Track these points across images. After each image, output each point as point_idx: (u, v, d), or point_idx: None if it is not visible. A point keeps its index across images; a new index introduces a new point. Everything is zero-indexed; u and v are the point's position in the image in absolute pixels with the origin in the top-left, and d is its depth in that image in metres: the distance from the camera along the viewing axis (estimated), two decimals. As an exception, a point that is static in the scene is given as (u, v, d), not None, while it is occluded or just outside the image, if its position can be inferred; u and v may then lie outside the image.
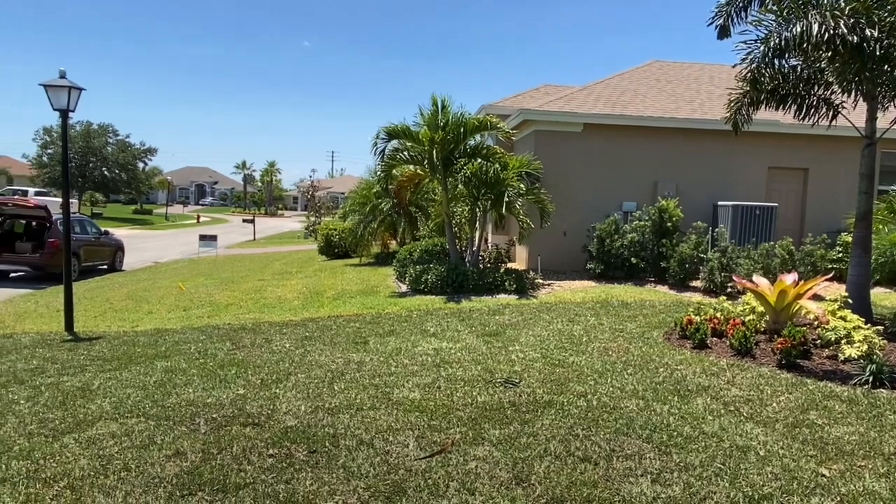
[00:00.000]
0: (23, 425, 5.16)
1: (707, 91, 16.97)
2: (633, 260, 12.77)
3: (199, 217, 61.48)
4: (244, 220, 40.80)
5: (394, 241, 19.43)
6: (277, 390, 5.98)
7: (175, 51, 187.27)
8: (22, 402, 5.80)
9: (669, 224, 12.72)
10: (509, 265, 14.74)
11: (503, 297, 11.23)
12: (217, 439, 4.78)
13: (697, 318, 7.93)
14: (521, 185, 12.66)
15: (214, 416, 5.31)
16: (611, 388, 5.93)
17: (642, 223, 12.85)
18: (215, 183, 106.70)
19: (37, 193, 38.34)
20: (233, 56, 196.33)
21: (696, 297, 10.33)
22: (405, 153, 13.65)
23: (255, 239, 36.30)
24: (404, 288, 12.57)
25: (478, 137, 13.67)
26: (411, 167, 14.36)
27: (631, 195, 14.63)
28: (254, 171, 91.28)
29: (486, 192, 12.53)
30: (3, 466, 4.33)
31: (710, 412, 5.33)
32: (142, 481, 4.10)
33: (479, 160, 12.36)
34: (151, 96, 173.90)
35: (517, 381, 6.17)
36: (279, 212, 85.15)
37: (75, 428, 5.08)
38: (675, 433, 4.85)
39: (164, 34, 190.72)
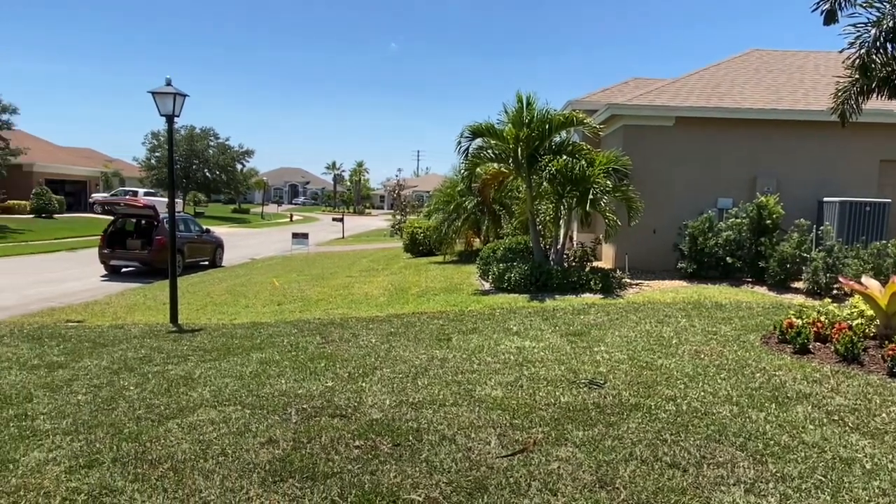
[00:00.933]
0: (132, 410, 5.57)
1: (812, 80, 15.93)
2: (729, 259, 12.19)
3: (292, 216, 64.07)
4: (334, 219, 42.14)
5: (477, 239, 19.48)
6: (363, 384, 6.15)
7: (270, 57, 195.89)
8: (131, 388, 6.25)
9: (769, 221, 12.04)
10: (595, 264, 14.44)
11: (588, 297, 11.02)
12: (307, 429, 4.97)
13: (799, 322, 7.47)
14: (608, 182, 12.37)
15: (305, 406, 5.52)
16: (702, 393, 5.70)
17: (739, 221, 12.24)
18: (307, 183, 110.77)
19: (146, 194, 41.19)
20: (323, 60, 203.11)
21: (798, 299, 9.73)
22: (489, 151, 13.64)
23: (343, 237, 37.40)
24: (487, 286, 12.58)
25: (563, 134, 13.46)
26: (495, 165, 14.34)
27: (726, 191, 13.96)
28: (343, 171, 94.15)
29: (572, 190, 12.33)
30: (115, 447, 4.69)
31: (811, 421, 5.01)
32: (237, 466, 4.33)
33: (565, 157, 12.18)
34: (249, 101, 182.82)
35: (602, 382, 6.05)
36: (366, 210, 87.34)
37: (178, 413, 5.42)
38: (772, 442, 4.59)
39: (259, 42, 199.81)
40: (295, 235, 25.81)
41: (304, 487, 4.00)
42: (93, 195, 45.45)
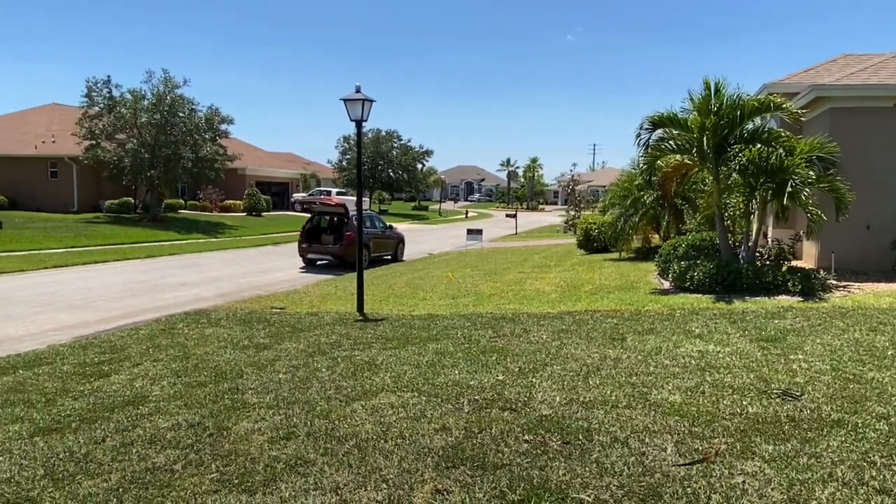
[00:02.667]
0: (323, 389, 6.11)
1: None
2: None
3: (467, 212, 65.89)
4: (507, 215, 42.59)
5: (656, 236, 18.54)
6: (534, 379, 6.16)
7: (446, 60, 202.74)
8: (323, 370, 6.86)
9: None
10: (793, 263, 13.05)
11: (784, 299, 10.01)
12: (478, 420, 5.10)
13: None
14: (811, 172, 11.11)
15: (476, 397, 5.67)
16: (925, 414, 4.92)
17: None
18: (482, 180, 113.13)
19: (338, 193, 44.82)
20: (498, 59, 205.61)
21: None
22: (671, 142, 12.90)
23: (516, 233, 37.67)
24: (667, 285, 11.94)
25: (757, 121, 12.31)
26: (678, 157, 13.52)
27: (962, 180, 11.88)
28: (517, 167, 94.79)
29: (766, 181, 11.27)
30: (309, 423, 5.18)
31: None
32: (413, 449, 4.57)
33: (759, 145, 11.16)
34: (429, 103, 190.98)
35: (798, 393, 5.47)
36: (540, 206, 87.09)
37: (363, 396, 5.85)
38: None
39: (436, 46, 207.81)
40: (469, 232, 26.51)
41: (474, 475, 4.11)
42: (294, 195, 50.45)
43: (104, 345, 8.44)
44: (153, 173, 31.22)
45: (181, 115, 32.24)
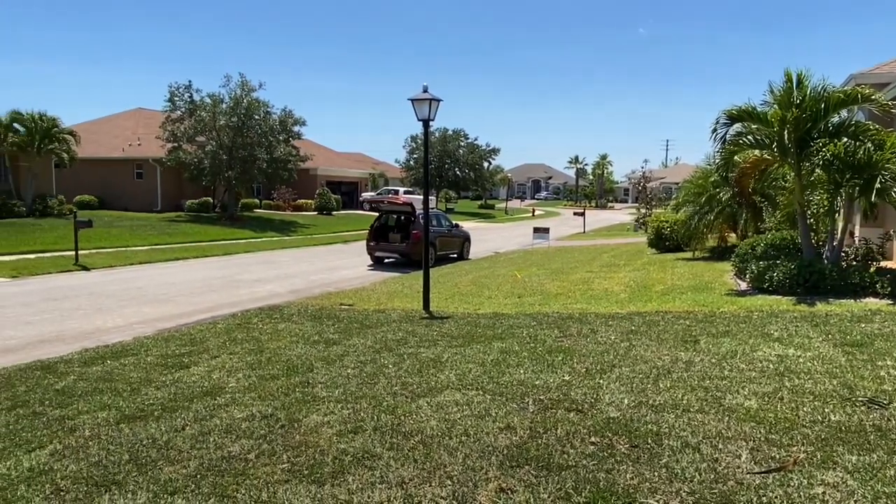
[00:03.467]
0: (390, 385, 6.20)
1: None
2: None
3: (533, 210, 65.35)
4: (575, 213, 41.97)
5: (733, 234, 17.84)
6: (601, 380, 6.06)
7: (513, 57, 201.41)
8: (390, 366, 6.97)
9: None
10: (882, 264, 12.27)
11: (872, 302, 9.44)
12: (543, 420, 5.06)
13: None
14: (903, 167, 10.40)
15: (541, 397, 5.63)
16: None
17: None
18: (549, 178, 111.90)
19: (405, 192, 45.37)
20: (567, 55, 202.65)
21: None
22: (749, 137, 12.37)
23: (584, 231, 37.07)
24: (744, 286, 11.47)
25: (843, 113, 11.64)
26: (756, 152, 12.97)
27: None
28: (585, 164, 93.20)
29: (852, 177, 10.64)
30: (375, 417, 5.27)
31: None
32: (478, 447, 4.58)
33: (845, 139, 10.56)
34: (495, 101, 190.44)
35: (886, 402, 5.15)
36: (609, 204, 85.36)
37: (428, 393, 5.91)
38: None
39: (502, 43, 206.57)
40: (536, 230, 26.29)
41: (539, 476, 4.09)
42: (362, 194, 51.41)
43: (185, 337, 8.86)
44: (230, 174, 32.50)
45: (256, 117, 33.42)
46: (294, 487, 4.05)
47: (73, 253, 18.20)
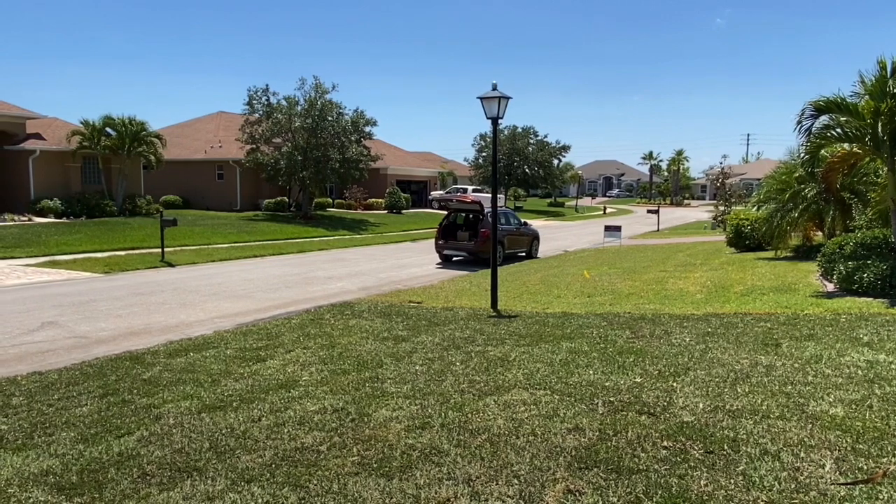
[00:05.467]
0: (457, 383, 6.24)
1: None
2: None
3: (605, 208, 64.03)
4: (648, 211, 40.83)
5: (819, 233, 16.90)
6: (674, 383, 5.88)
7: (585, 51, 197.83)
8: (457, 363, 7.00)
9: None
10: None
11: (977, 306, 8.74)
12: (613, 422, 4.96)
13: None
14: None
15: (611, 399, 5.52)
16: None
17: None
18: (622, 175, 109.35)
19: (473, 190, 45.41)
20: (639, 46, 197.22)
21: None
22: (838, 130, 11.69)
23: (658, 229, 36.02)
24: (830, 287, 10.86)
25: (945, 102, 10.83)
26: (845, 146, 12.25)
27: None
28: (660, 160, 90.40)
29: (954, 171, 9.88)
30: (443, 414, 5.32)
31: None
32: (545, 447, 4.54)
33: (944, 131, 9.80)
34: (565, 97, 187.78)
35: None
36: (685, 201, 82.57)
37: (495, 391, 5.90)
38: None
39: (574, 37, 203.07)
40: (607, 228, 25.75)
41: (608, 479, 4.01)
42: (431, 193, 51.83)
43: (262, 332, 9.21)
44: (305, 174, 33.45)
45: (330, 118, 34.24)
46: (363, 480, 4.13)
47: (160, 250, 19.21)
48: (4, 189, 27.80)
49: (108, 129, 29.47)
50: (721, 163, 60.35)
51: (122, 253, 20.01)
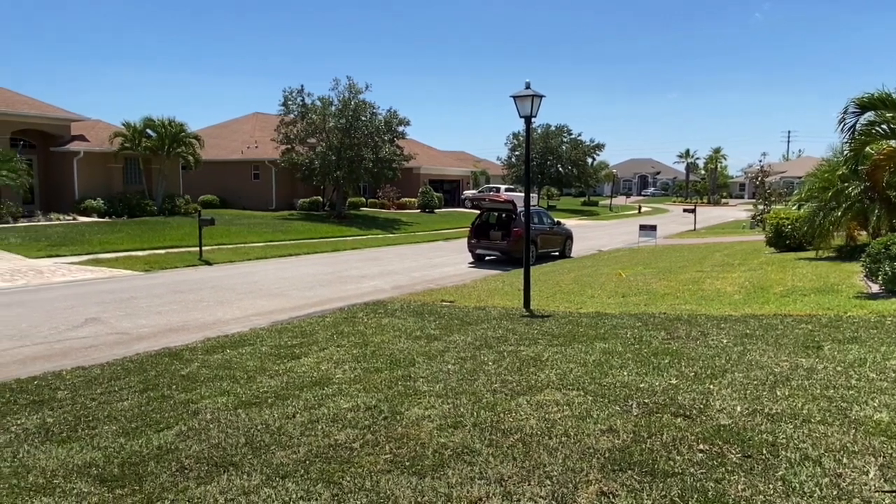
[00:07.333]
0: (489, 382, 6.22)
1: None
2: None
3: (640, 207, 63.17)
4: (685, 210, 40.13)
5: (863, 232, 16.40)
6: (711, 386, 5.77)
7: (617, 48, 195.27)
8: (489, 363, 6.99)
9: None
10: None
11: None
12: (647, 424, 4.90)
13: None
14: None
15: (646, 401, 5.44)
16: None
17: None
18: (657, 173, 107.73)
19: (506, 190, 45.23)
20: (674, 42, 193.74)
21: None
22: (883, 126, 11.39)
23: (695, 229, 35.39)
24: (875, 288, 10.53)
25: None
26: (891, 143, 11.89)
27: None
28: (697, 159, 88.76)
29: None
30: (475, 413, 5.31)
31: None
32: (578, 448, 4.50)
33: None
34: (599, 95, 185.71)
35: None
36: (723, 200, 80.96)
37: (527, 391, 5.87)
38: None
39: (607, 34, 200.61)
40: (642, 227, 25.41)
41: (642, 481, 3.96)
42: (464, 192, 51.79)
43: (296, 330, 9.33)
44: (339, 174, 33.77)
45: (363, 118, 34.49)
46: (396, 478, 4.16)
47: (198, 249, 19.62)
48: (51, 189, 28.76)
49: (148, 131, 30.21)
50: (760, 161, 58.87)
51: (162, 251, 20.49)
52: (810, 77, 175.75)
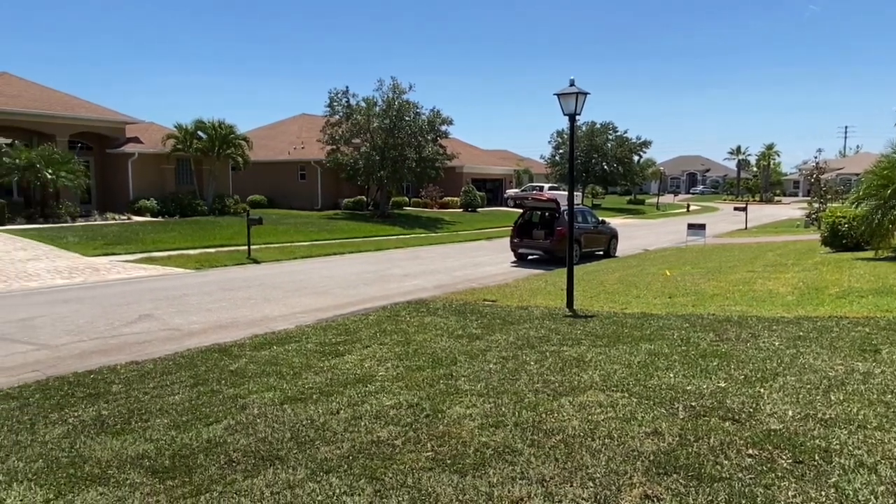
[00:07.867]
0: (531, 382, 6.19)
1: None
2: None
3: (688, 206, 61.79)
4: (735, 208, 39.11)
5: (926, 232, 15.65)
6: (762, 389, 5.61)
7: (666, 44, 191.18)
8: (531, 363, 6.95)
9: None
10: None
11: None
12: (694, 427, 4.79)
13: None
14: None
15: (693, 403, 5.33)
16: None
17: None
18: (707, 170, 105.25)
19: (550, 188, 44.87)
20: (728, 38, 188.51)
21: None
22: (947, 120, 10.81)
23: (746, 228, 34.42)
24: (939, 289, 10.04)
25: None
26: (956, 137, 11.30)
27: None
28: (748, 155, 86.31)
29: None
30: (517, 413, 5.29)
31: None
32: (622, 451, 4.44)
33: None
34: (648, 90, 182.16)
35: None
36: (775, 198, 78.48)
37: (570, 392, 5.82)
38: None
39: (656, 29, 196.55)
40: (691, 226, 24.85)
41: (688, 485, 3.88)
42: (507, 191, 51.59)
43: (340, 327, 9.46)
44: (382, 174, 34.07)
45: (407, 118, 34.70)
46: (437, 476, 4.18)
47: (246, 248, 20.09)
48: (107, 190, 29.89)
49: (199, 133, 31.07)
50: (815, 157, 56.82)
51: (212, 250, 21.05)
52: (869, 70, 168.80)
